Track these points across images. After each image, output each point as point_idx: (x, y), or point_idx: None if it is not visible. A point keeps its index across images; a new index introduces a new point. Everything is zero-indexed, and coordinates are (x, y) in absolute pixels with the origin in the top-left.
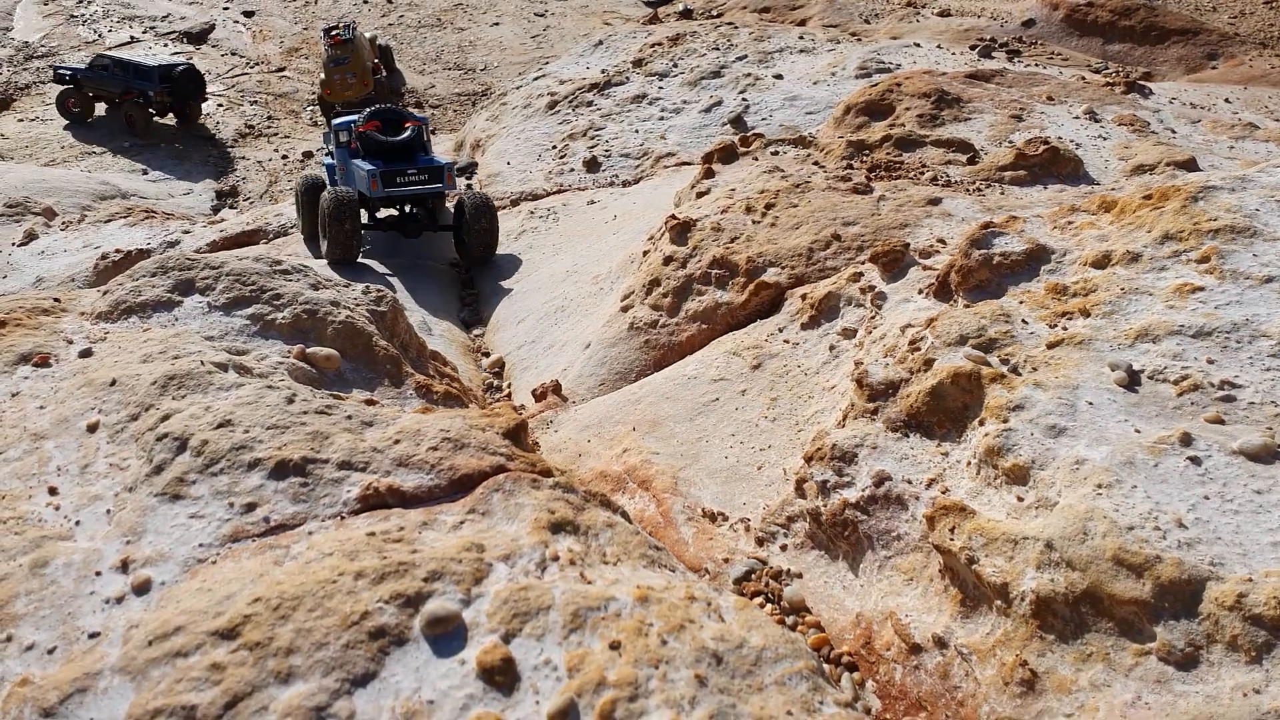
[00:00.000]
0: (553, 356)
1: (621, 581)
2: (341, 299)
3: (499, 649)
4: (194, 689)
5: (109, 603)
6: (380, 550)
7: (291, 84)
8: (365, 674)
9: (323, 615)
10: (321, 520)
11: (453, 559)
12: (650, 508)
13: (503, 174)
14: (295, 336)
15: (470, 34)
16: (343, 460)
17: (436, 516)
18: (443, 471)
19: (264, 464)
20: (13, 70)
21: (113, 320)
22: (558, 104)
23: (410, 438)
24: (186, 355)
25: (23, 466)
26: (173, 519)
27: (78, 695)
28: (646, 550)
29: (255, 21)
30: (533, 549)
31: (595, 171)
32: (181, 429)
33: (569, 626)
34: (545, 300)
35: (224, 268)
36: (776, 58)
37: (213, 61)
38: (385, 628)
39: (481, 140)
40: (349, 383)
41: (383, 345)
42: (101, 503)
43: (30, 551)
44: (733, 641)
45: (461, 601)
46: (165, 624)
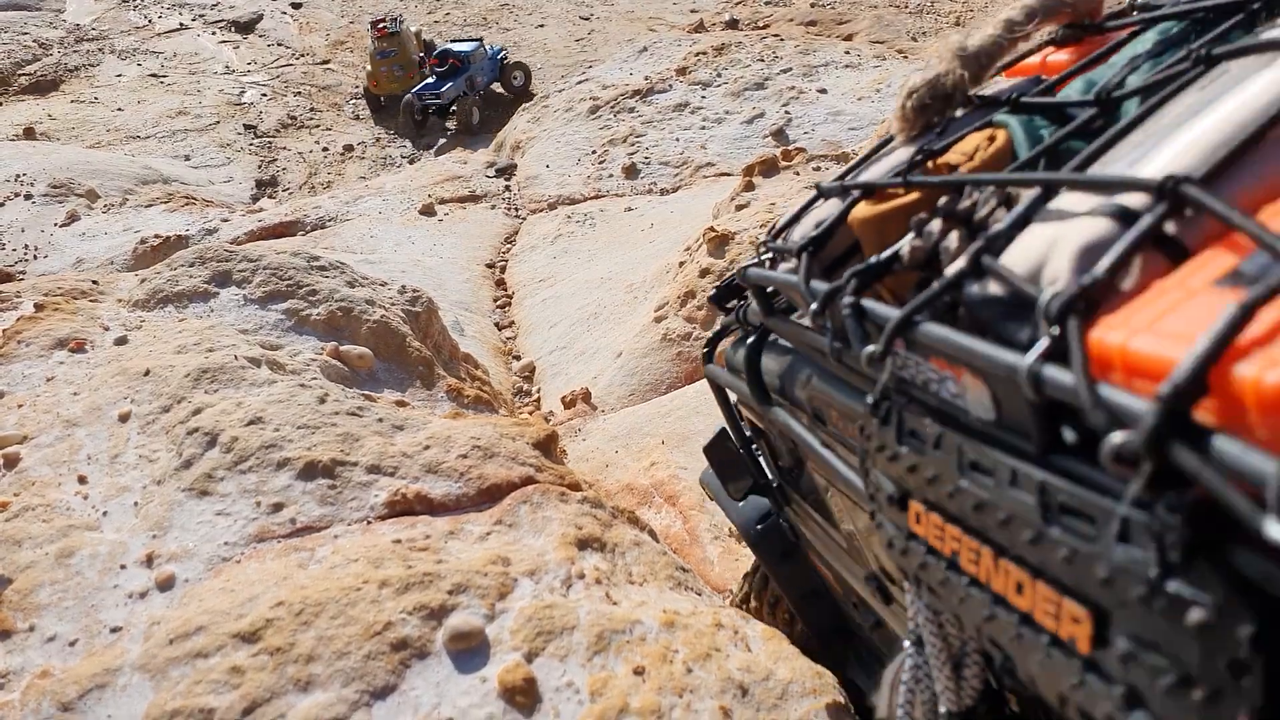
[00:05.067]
0: (583, 364)
1: (648, 604)
2: (377, 297)
3: (521, 668)
4: (213, 691)
5: (132, 597)
6: (406, 559)
7: (335, 77)
8: (385, 686)
9: (345, 623)
10: (348, 524)
11: (478, 572)
12: (676, 524)
13: (541, 177)
14: (329, 333)
15: (515, 34)
16: (372, 464)
17: (463, 526)
18: (471, 480)
19: (293, 464)
20: (63, 52)
21: (149, 309)
22: (599, 109)
23: (440, 444)
24: (220, 349)
25: (54, 453)
26: (199, 515)
27: (96, 691)
28: (673, 572)
29: (302, 13)
30: (559, 565)
31: (634, 178)
32: (212, 424)
33: (593, 649)
34: (578, 306)
35: (261, 261)
36: (821, 72)
37: (259, 51)
38: (408, 640)
39: (521, 142)
40: (381, 383)
41: (416, 346)
42: (130, 494)
43: (57, 540)
44: (759, 673)
45: (485, 617)
46: (187, 623)
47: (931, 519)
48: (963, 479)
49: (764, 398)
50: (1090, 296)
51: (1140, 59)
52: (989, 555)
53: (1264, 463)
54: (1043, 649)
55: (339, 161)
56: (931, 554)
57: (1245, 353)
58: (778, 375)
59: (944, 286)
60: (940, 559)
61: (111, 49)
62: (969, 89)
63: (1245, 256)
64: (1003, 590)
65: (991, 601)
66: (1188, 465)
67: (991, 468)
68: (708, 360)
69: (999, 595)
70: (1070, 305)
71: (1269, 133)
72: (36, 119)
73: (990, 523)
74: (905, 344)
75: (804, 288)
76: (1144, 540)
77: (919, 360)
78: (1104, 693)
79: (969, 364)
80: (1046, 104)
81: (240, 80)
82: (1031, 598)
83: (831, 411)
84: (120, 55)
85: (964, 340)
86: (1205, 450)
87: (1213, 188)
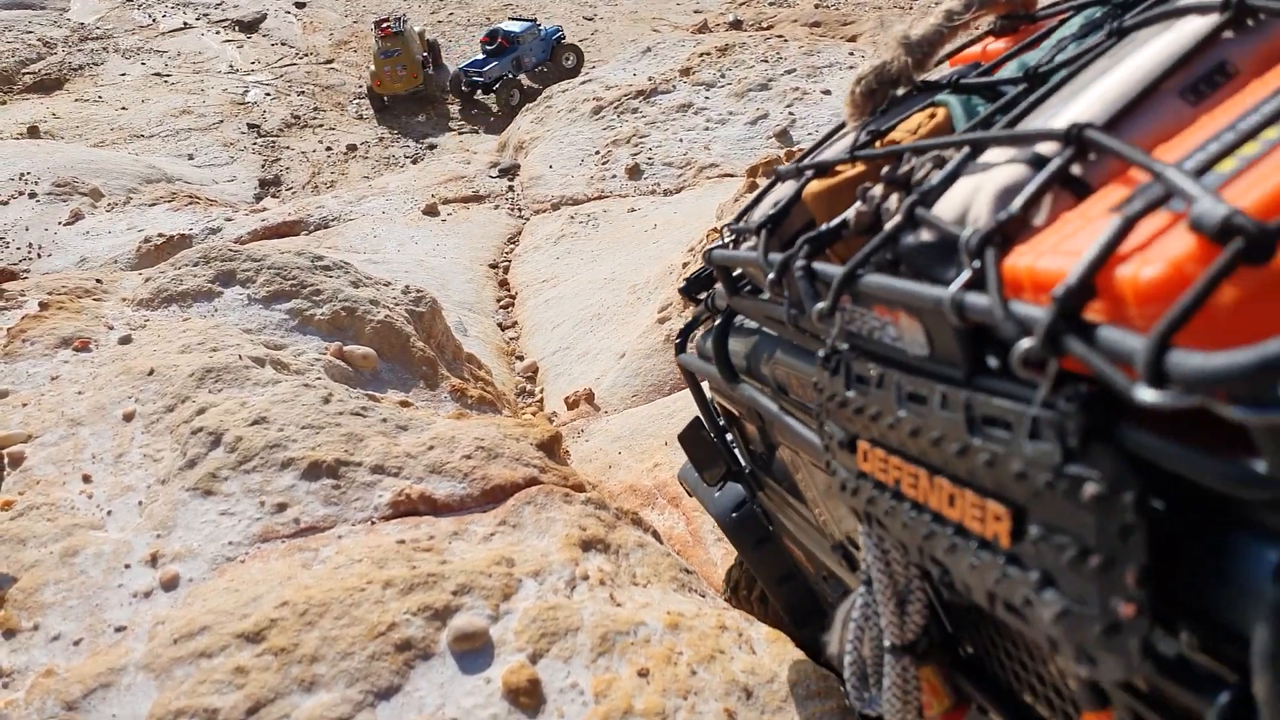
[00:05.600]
0: (587, 364)
1: (652, 605)
2: (381, 297)
3: (526, 669)
4: (217, 692)
5: (136, 597)
6: (410, 559)
7: (339, 76)
8: (389, 687)
9: (349, 624)
10: (352, 524)
11: (482, 573)
12: (680, 525)
13: (544, 177)
14: (333, 333)
15: None
16: (376, 464)
17: (467, 527)
18: (475, 481)
19: (297, 464)
20: (68, 50)
21: (153, 308)
22: (603, 109)
23: (444, 444)
24: (225, 348)
25: (58, 452)
26: (203, 515)
27: (101, 690)
28: (677, 573)
29: (306, 13)
30: (563, 566)
31: (637, 179)
32: (216, 424)
33: (597, 650)
34: (581, 306)
35: (265, 260)
36: (825, 73)
37: (262, 51)
38: (412, 640)
39: (525, 142)
40: (385, 383)
41: (420, 346)
42: (134, 494)
43: (62, 539)
44: (764, 675)
45: (490, 618)
46: (191, 623)
47: (876, 454)
48: (901, 409)
49: (732, 377)
50: (1005, 231)
51: (1067, 40)
52: (925, 476)
53: (1136, 340)
54: (972, 553)
55: (342, 161)
56: (878, 487)
57: (1126, 258)
58: (744, 356)
59: (883, 239)
60: (885, 490)
61: (116, 48)
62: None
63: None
64: (938, 506)
65: (929, 520)
66: (1077, 353)
67: (925, 395)
68: (680, 350)
69: (935, 512)
70: (987, 239)
71: (1161, 85)
72: (41, 118)
73: (925, 445)
74: (851, 298)
75: (763, 260)
76: (1050, 434)
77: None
78: (1021, 579)
79: (904, 304)
80: (982, 83)
81: (244, 79)
82: (961, 508)
83: (793, 380)
84: (124, 54)
85: (899, 283)
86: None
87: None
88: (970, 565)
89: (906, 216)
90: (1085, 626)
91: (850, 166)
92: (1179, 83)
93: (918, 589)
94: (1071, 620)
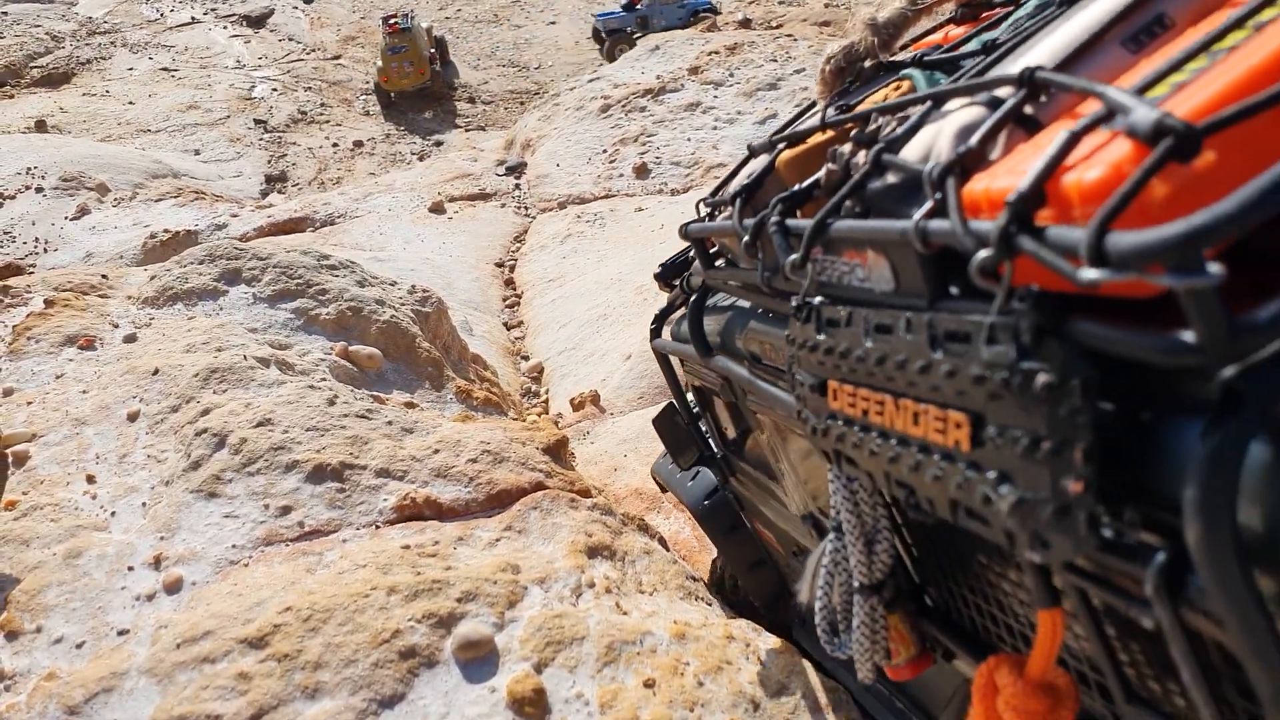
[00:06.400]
0: (592, 365)
1: (658, 614)
2: (387, 297)
3: (531, 679)
4: (220, 697)
5: (139, 600)
6: (414, 565)
7: (346, 72)
8: (393, 695)
9: (353, 630)
10: (356, 528)
11: (487, 579)
12: (686, 530)
13: (551, 175)
14: (339, 333)
15: (526, 31)
16: (381, 467)
17: (472, 532)
18: (481, 485)
19: (301, 466)
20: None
21: (159, 306)
22: (610, 108)
23: (450, 448)
24: (230, 348)
25: (63, 452)
26: (207, 517)
27: (103, 695)
28: (684, 581)
29: (314, 8)
30: (568, 573)
31: (644, 178)
32: (221, 425)
33: (603, 660)
34: (588, 307)
35: (271, 259)
36: None
37: (270, 46)
38: (416, 648)
39: (532, 140)
40: (390, 383)
41: (425, 347)
42: (138, 495)
43: (65, 540)
44: (771, 687)
45: (494, 625)
46: (194, 627)
47: (844, 390)
48: (868, 341)
49: (707, 351)
50: (964, 163)
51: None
52: (890, 402)
53: (1080, 232)
54: (934, 465)
55: (349, 157)
56: (847, 422)
57: (1072, 168)
58: (718, 333)
59: (851, 187)
60: (853, 424)
61: (123, 42)
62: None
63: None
64: (903, 428)
65: (895, 443)
66: (1028, 249)
67: (891, 325)
68: (655, 336)
69: (900, 434)
70: (948, 170)
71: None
72: (48, 112)
73: (890, 370)
74: (823, 248)
75: (738, 225)
76: (1005, 337)
77: (833, 259)
78: (980, 480)
79: (872, 242)
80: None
81: (251, 75)
82: (924, 424)
83: (765, 347)
84: (132, 49)
85: (867, 223)
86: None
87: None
88: (934, 478)
89: (874, 163)
90: (1038, 511)
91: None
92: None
93: (884, 530)
94: (1026, 508)
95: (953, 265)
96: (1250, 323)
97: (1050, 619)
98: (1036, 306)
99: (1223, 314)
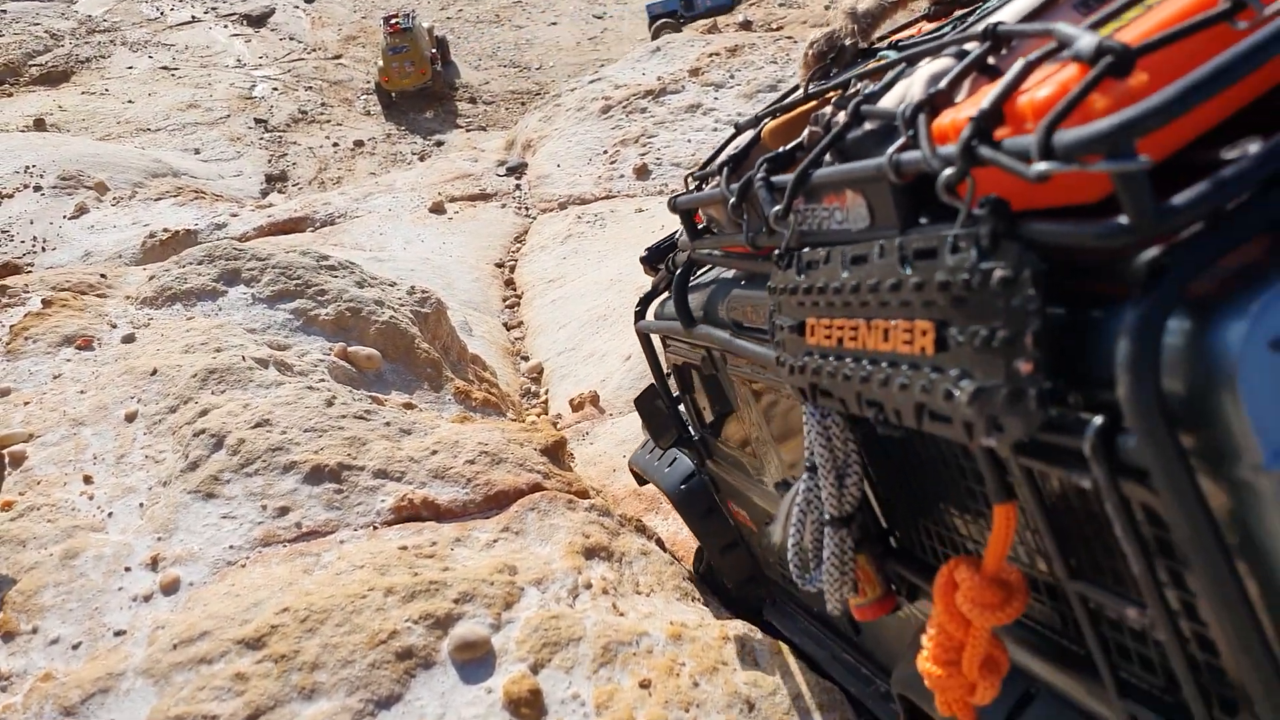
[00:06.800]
0: (592, 366)
1: (654, 615)
2: (386, 298)
3: (527, 680)
4: (216, 698)
5: (136, 600)
6: (412, 566)
7: (347, 72)
8: (390, 696)
9: (350, 631)
10: (354, 529)
11: (484, 580)
12: (683, 531)
13: (552, 176)
14: (337, 334)
15: (527, 32)
16: (379, 469)
17: (470, 533)
18: (479, 486)
19: (299, 467)
20: (75, 43)
21: (157, 306)
22: (611, 109)
23: (448, 449)
24: (228, 348)
25: (60, 452)
26: (205, 518)
27: (99, 695)
28: (680, 582)
29: (315, 7)
30: (565, 574)
31: (645, 179)
32: (219, 426)
33: (599, 660)
34: (588, 307)
35: (270, 260)
36: None
37: (270, 45)
38: (413, 649)
39: (533, 140)
40: (389, 384)
41: (424, 348)
42: (135, 495)
43: (62, 541)
44: (767, 688)
45: (491, 626)
46: (191, 627)
47: (821, 325)
48: (844, 272)
49: (691, 321)
50: (934, 103)
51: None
52: (863, 325)
53: (1030, 138)
54: (902, 374)
55: (349, 157)
56: (823, 355)
57: (1026, 90)
58: (701, 306)
59: (832, 137)
60: (828, 354)
61: (123, 41)
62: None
63: None
64: (874, 346)
65: (867, 362)
66: (988, 156)
67: (866, 254)
68: (639, 318)
69: (871, 354)
70: (919, 108)
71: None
72: (47, 110)
73: (865, 294)
74: (804, 198)
75: (725, 189)
76: (967, 243)
77: (814, 207)
78: (943, 379)
79: (851, 181)
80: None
81: (251, 74)
82: (894, 338)
83: (747, 309)
84: (131, 47)
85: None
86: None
87: None
88: (900, 386)
89: (853, 114)
90: (994, 397)
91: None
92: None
93: (854, 464)
94: (983, 396)
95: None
96: (1171, 206)
97: (1003, 513)
98: (994, 211)
99: (1149, 198)
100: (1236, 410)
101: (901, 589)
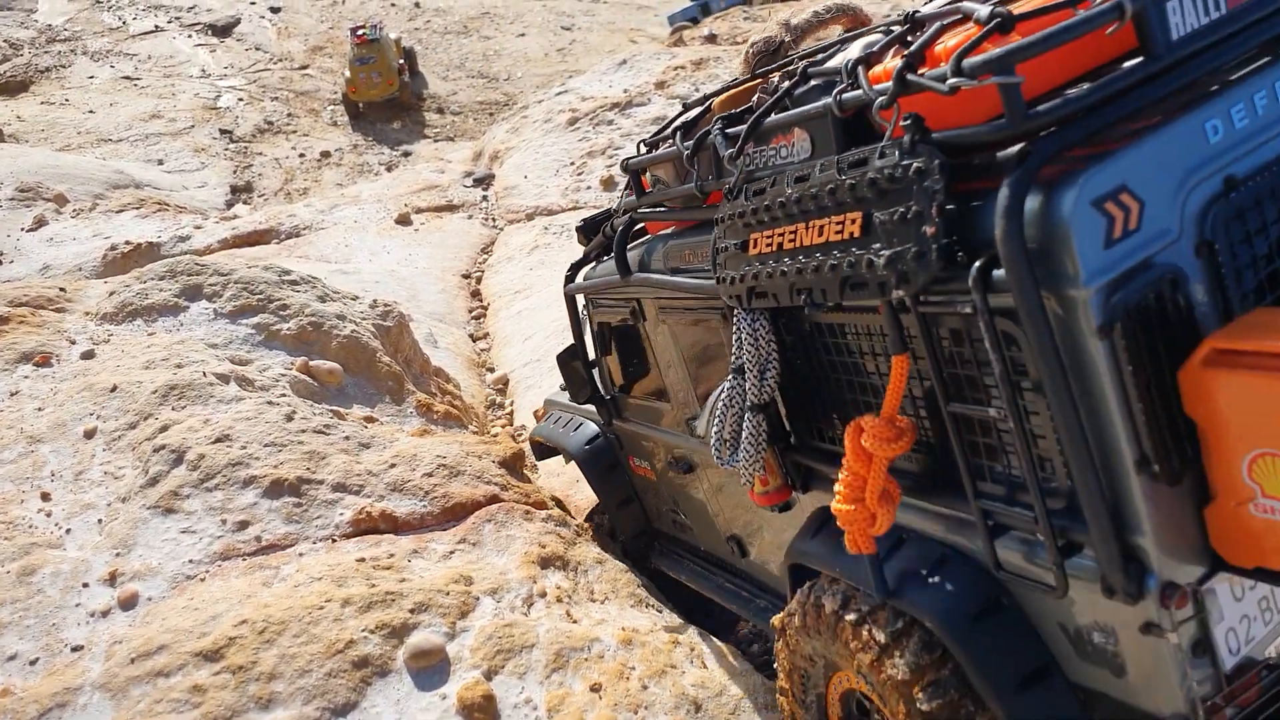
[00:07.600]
0: (558, 377)
1: (608, 621)
2: (348, 312)
3: (480, 685)
4: (174, 710)
5: (94, 616)
6: (369, 577)
7: (314, 82)
8: (346, 704)
9: (307, 641)
10: (313, 542)
11: (440, 590)
12: None
13: (519, 187)
14: (299, 348)
15: (495, 43)
16: (338, 482)
17: (427, 545)
18: (436, 499)
19: (259, 482)
20: (34, 52)
21: (117, 322)
22: (578, 120)
23: (406, 462)
24: (189, 364)
25: (17, 469)
26: (164, 533)
27: (56, 710)
28: (635, 589)
29: (281, 18)
30: (521, 584)
31: (612, 190)
32: (179, 441)
33: (551, 666)
34: (554, 318)
35: (232, 275)
36: None
37: (236, 55)
38: (369, 658)
39: (500, 152)
40: (350, 398)
41: (386, 361)
42: (94, 511)
43: (19, 558)
44: (714, 689)
45: (446, 635)
46: (149, 641)
47: (763, 236)
48: (789, 189)
49: (627, 270)
50: (868, 60)
51: None
52: (801, 227)
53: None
54: (831, 258)
55: (315, 168)
56: (762, 260)
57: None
58: (637, 261)
59: (782, 94)
60: (767, 259)
61: (84, 50)
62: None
63: None
64: (811, 241)
65: (802, 258)
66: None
67: (808, 172)
68: (569, 283)
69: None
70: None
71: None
72: (5, 120)
73: (806, 202)
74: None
75: (680, 144)
76: (892, 150)
77: (763, 149)
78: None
79: (798, 121)
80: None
81: (216, 84)
82: (827, 231)
83: (686, 253)
84: (93, 57)
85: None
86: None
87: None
88: (830, 268)
89: (801, 74)
90: (904, 256)
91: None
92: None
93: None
94: (896, 257)
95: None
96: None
97: (899, 363)
98: (914, 124)
99: (1021, 104)
100: (1068, 248)
101: (796, 481)
